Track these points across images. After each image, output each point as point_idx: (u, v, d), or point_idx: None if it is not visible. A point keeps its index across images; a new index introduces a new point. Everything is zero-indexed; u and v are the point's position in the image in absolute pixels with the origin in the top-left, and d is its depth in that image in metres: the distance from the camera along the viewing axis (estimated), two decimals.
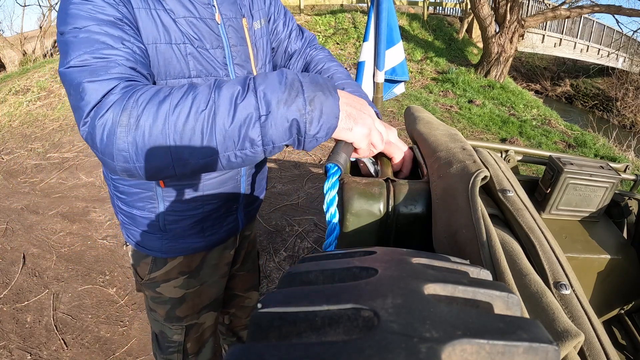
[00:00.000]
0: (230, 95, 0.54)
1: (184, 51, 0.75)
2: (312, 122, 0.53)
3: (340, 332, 0.24)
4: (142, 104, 0.55)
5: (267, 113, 0.53)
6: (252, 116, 0.53)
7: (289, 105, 0.53)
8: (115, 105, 0.56)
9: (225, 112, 0.54)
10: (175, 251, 0.96)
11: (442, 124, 0.89)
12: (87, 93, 0.58)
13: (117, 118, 0.55)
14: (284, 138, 0.54)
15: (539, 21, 7.26)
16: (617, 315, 0.93)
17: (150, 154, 0.56)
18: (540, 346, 0.23)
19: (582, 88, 13.32)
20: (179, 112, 0.54)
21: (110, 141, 0.55)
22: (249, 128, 0.53)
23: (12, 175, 3.80)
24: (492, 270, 0.45)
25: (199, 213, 0.92)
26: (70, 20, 0.63)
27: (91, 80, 0.59)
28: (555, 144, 4.96)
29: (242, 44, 0.86)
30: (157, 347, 1.12)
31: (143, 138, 0.55)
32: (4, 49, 8.45)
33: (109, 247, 2.65)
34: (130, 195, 0.89)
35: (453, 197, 0.58)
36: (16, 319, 2.10)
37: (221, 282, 1.12)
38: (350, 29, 7.95)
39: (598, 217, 0.92)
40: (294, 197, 3.19)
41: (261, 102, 0.53)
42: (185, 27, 0.75)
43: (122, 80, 0.60)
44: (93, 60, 0.60)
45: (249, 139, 0.54)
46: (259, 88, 0.54)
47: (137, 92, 0.57)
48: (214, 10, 0.79)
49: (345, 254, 0.37)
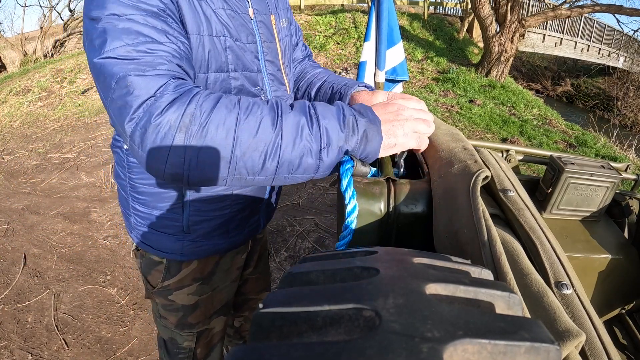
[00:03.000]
0: (296, 124, 0.57)
1: (224, 44, 0.73)
2: (360, 154, 0.60)
3: (342, 332, 0.24)
4: (205, 112, 0.54)
5: (327, 149, 0.58)
6: (314, 150, 0.57)
7: (346, 141, 0.58)
8: (175, 107, 0.54)
9: (290, 138, 0.56)
10: (196, 253, 0.93)
11: (443, 124, 0.89)
12: (136, 87, 0.54)
13: (178, 122, 0.53)
14: (330, 168, 0.60)
15: (539, 21, 7.25)
16: (618, 315, 0.93)
17: (209, 165, 0.55)
18: (542, 346, 0.23)
19: (582, 88, 13.31)
20: (245, 129, 0.55)
21: (165, 145, 0.53)
22: (308, 157, 0.58)
23: (12, 176, 3.80)
24: (493, 270, 0.45)
25: (227, 213, 0.89)
26: (109, 4, 0.57)
27: (139, 74, 0.55)
28: (556, 144, 4.96)
29: (271, 41, 0.85)
30: (165, 353, 1.09)
31: (205, 148, 0.54)
32: (5, 49, 8.46)
33: (110, 247, 2.65)
34: (151, 195, 0.85)
35: (454, 196, 0.58)
36: (17, 319, 2.10)
37: (232, 286, 1.10)
38: (351, 29, 7.94)
39: (599, 217, 0.92)
40: (295, 197, 3.19)
41: (324, 137, 0.57)
42: (225, 19, 0.73)
43: (173, 77, 0.57)
44: (137, 53, 0.56)
45: (304, 167, 0.58)
46: (322, 122, 0.58)
47: (198, 97, 0.56)
48: (247, 4, 0.79)
49: (347, 254, 0.37)
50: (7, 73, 7.68)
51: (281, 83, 0.90)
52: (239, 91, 0.78)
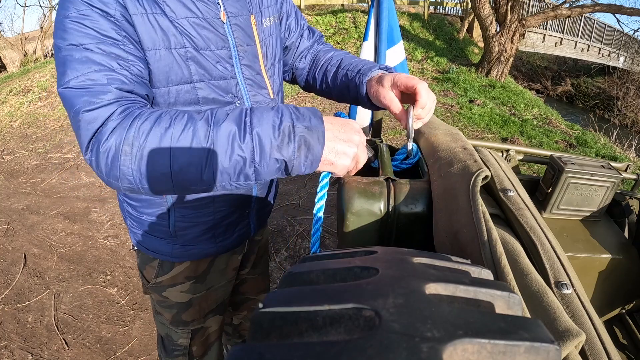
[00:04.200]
0: (227, 135, 0.58)
1: (184, 56, 0.73)
2: (298, 165, 0.60)
3: (342, 331, 0.24)
4: (143, 134, 0.58)
5: (260, 157, 0.58)
6: (247, 159, 0.58)
7: (280, 150, 0.58)
8: (116, 133, 0.59)
9: (222, 151, 0.58)
10: (186, 256, 0.95)
11: (443, 124, 0.89)
12: (85, 123, 0.60)
13: (121, 147, 0.58)
14: (273, 174, 0.61)
15: (539, 20, 7.24)
16: (618, 315, 0.93)
17: (153, 180, 0.60)
18: (542, 346, 0.23)
19: (583, 87, 13.30)
20: (180, 146, 0.58)
21: (115, 166, 0.59)
22: (243, 168, 0.59)
23: (13, 176, 3.80)
24: (493, 270, 0.45)
25: (210, 220, 0.91)
26: (67, 35, 0.63)
27: (88, 109, 0.60)
28: (556, 144, 4.95)
29: (249, 43, 0.83)
30: (162, 350, 1.12)
31: (146, 166, 0.59)
32: (5, 49, 8.46)
33: (110, 247, 2.66)
34: (140, 201, 0.88)
35: (454, 196, 0.58)
36: (17, 319, 2.10)
37: (228, 286, 1.11)
38: (351, 28, 7.94)
39: (599, 217, 0.92)
40: (295, 197, 3.19)
41: (256, 147, 0.58)
42: (188, 29, 0.72)
43: (119, 105, 0.62)
44: (90, 82, 0.61)
45: (244, 175, 0.60)
46: (254, 129, 0.58)
47: (138, 120, 0.60)
48: (219, 8, 0.76)
49: (346, 254, 0.37)
50: (7, 73, 7.68)
51: (261, 87, 0.88)
52: (207, 101, 0.78)
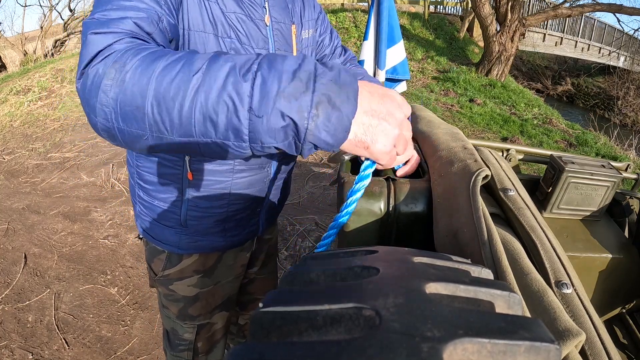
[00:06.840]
0: (224, 69, 0.45)
1: (229, 46, 0.75)
2: (313, 130, 0.43)
3: (342, 331, 0.24)
4: (135, 61, 0.49)
5: (259, 103, 0.43)
6: (244, 102, 0.43)
7: (289, 100, 0.42)
8: (111, 57, 0.51)
9: (212, 84, 0.44)
10: (193, 248, 0.95)
11: (443, 123, 0.89)
12: (88, 45, 0.53)
13: (106, 69, 0.49)
14: (276, 138, 0.44)
15: (540, 20, 7.24)
16: (618, 315, 0.93)
17: (129, 116, 0.48)
18: (542, 345, 0.23)
19: (583, 87, 13.29)
20: (165, 74, 0.47)
21: (94, 93, 0.50)
22: (235, 112, 0.44)
23: (13, 175, 3.80)
24: (494, 270, 0.45)
25: (223, 212, 0.91)
26: None
27: (96, 31, 0.54)
28: (556, 143, 4.95)
29: (287, 50, 0.87)
30: (167, 344, 1.12)
31: (124, 96, 0.48)
32: (5, 49, 8.47)
33: (110, 247, 2.66)
34: (154, 184, 0.88)
35: (454, 196, 0.58)
36: (18, 318, 2.10)
37: (235, 282, 1.11)
38: (352, 28, 7.94)
39: (599, 216, 0.92)
40: (295, 197, 3.19)
41: (256, 88, 0.43)
42: (235, 23, 0.75)
43: (131, 36, 0.55)
44: (111, 12, 0.57)
45: (233, 129, 0.45)
46: (261, 69, 0.44)
47: (138, 49, 0.52)
48: (265, 11, 0.80)
49: (347, 253, 0.37)
50: (8, 73, 7.68)
51: None
52: None
